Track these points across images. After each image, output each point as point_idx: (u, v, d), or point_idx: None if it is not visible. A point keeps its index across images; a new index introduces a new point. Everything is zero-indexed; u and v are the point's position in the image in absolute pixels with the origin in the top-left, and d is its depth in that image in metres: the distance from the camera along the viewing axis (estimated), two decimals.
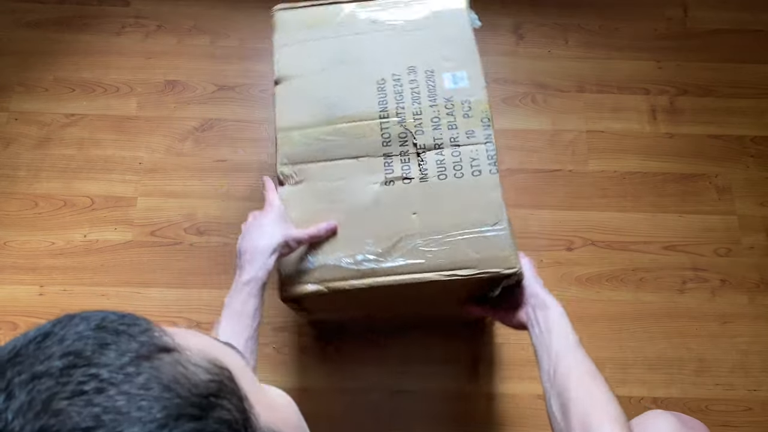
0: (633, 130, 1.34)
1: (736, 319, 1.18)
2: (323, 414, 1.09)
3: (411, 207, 0.83)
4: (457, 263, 0.80)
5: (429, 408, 1.10)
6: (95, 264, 1.20)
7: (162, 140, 1.31)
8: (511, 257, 0.80)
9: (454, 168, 0.84)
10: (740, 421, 1.11)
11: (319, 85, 0.89)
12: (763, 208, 1.27)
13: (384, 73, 0.90)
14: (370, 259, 0.82)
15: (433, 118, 0.86)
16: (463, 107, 0.87)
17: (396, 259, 0.81)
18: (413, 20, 0.93)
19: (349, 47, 0.92)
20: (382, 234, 0.82)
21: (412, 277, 0.80)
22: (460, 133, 0.86)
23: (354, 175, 0.85)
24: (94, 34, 1.42)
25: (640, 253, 1.23)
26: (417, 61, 0.90)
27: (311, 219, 0.83)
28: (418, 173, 0.84)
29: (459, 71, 0.89)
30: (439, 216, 0.82)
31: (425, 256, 0.81)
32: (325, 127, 0.87)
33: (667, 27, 1.46)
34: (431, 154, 0.85)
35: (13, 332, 1.14)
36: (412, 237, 0.82)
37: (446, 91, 0.88)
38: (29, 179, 1.27)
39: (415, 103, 0.87)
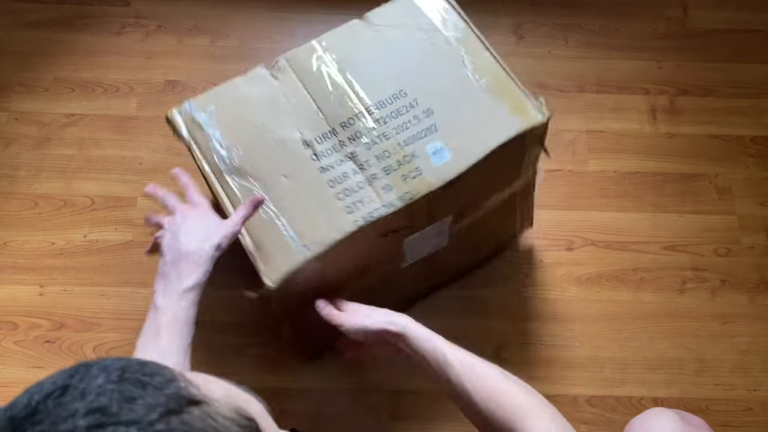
0: (633, 130, 1.34)
1: (736, 319, 1.18)
2: (323, 414, 1.09)
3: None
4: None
5: (429, 408, 1.10)
6: (95, 264, 1.20)
7: (162, 140, 1.31)
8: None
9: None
10: (740, 421, 1.11)
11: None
12: (763, 208, 1.27)
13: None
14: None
15: (384, 150, 0.87)
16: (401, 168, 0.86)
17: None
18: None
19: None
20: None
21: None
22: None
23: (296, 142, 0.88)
24: (94, 34, 1.42)
25: (640, 253, 1.23)
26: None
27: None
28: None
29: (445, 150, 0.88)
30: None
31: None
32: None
33: (667, 27, 1.46)
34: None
35: (13, 332, 1.14)
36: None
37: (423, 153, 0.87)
38: (29, 179, 1.27)
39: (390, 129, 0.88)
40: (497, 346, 1.15)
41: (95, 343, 1.14)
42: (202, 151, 0.88)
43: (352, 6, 1.46)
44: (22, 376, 1.11)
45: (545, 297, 1.19)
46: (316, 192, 0.84)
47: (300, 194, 0.84)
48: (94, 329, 1.15)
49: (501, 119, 0.87)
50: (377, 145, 0.86)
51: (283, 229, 0.82)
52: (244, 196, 0.84)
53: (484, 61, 0.91)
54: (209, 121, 0.89)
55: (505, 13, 1.46)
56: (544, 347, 1.15)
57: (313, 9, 1.46)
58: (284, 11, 1.45)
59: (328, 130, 0.88)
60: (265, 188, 0.85)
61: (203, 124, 0.89)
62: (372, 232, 0.84)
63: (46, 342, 1.14)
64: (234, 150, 0.87)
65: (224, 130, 0.89)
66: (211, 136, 0.88)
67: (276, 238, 0.82)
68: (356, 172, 0.85)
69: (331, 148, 0.87)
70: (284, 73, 0.91)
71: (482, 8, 1.47)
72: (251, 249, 0.82)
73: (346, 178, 0.85)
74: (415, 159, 0.85)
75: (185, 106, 0.91)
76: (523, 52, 1.42)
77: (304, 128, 0.88)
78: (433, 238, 0.97)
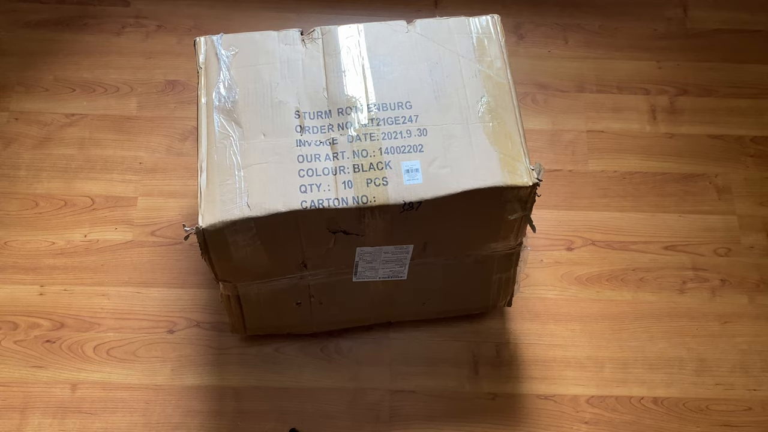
0: (633, 130, 1.35)
1: (736, 319, 1.18)
2: (323, 414, 1.09)
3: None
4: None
5: (429, 408, 1.10)
6: (95, 264, 1.20)
7: (162, 140, 1.31)
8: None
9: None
10: (740, 421, 1.11)
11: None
12: (763, 208, 1.27)
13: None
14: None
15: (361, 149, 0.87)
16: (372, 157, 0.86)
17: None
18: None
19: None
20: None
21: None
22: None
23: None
24: (94, 34, 1.42)
25: (640, 253, 1.23)
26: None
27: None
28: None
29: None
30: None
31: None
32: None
33: (667, 27, 1.46)
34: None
35: (13, 332, 1.14)
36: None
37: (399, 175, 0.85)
38: (29, 179, 1.27)
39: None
40: (497, 346, 1.15)
41: (95, 343, 1.14)
42: (207, 81, 0.91)
43: (353, 6, 1.47)
44: (22, 376, 1.11)
45: (545, 297, 1.19)
46: (282, 160, 0.85)
47: (268, 156, 0.85)
48: (94, 329, 1.15)
49: (487, 167, 0.85)
50: (359, 141, 0.86)
51: (238, 181, 0.84)
52: (222, 135, 0.86)
53: (501, 107, 0.90)
54: (227, 59, 0.92)
55: (505, 13, 1.45)
56: (544, 347, 1.15)
57: (313, 9, 1.46)
58: (284, 11, 1.46)
59: (325, 110, 0.89)
60: (242, 137, 0.86)
61: (221, 60, 0.92)
62: (318, 221, 0.85)
63: (46, 342, 1.14)
64: (233, 93, 0.90)
65: (235, 73, 0.91)
66: (221, 73, 0.91)
67: (228, 185, 0.83)
68: (328, 158, 0.85)
69: (318, 128, 0.87)
70: (313, 43, 0.93)
71: (482, 8, 1.47)
72: (202, 187, 0.84)
73: (317, 159, 0.85)
74: (387, 169, 0.84)
75: (215, 38, 0.94)
76: (523, 52, 1.42)
77: (304, 99, 0.89)
78: (391, 264, 0.95)
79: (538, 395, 1.11)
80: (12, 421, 1.08)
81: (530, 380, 1.12)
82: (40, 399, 1.10)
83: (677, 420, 1.10)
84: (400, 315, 1.13)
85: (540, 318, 1.17)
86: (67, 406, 1.09)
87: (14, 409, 1.09)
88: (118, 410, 1.09)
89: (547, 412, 1.10)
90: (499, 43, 0.94)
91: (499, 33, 0.95)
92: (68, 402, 1.10)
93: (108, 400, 1.10)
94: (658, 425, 1.10)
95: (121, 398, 1.10)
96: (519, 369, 1.13)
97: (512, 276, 1.06)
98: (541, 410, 1.10)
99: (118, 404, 1.10)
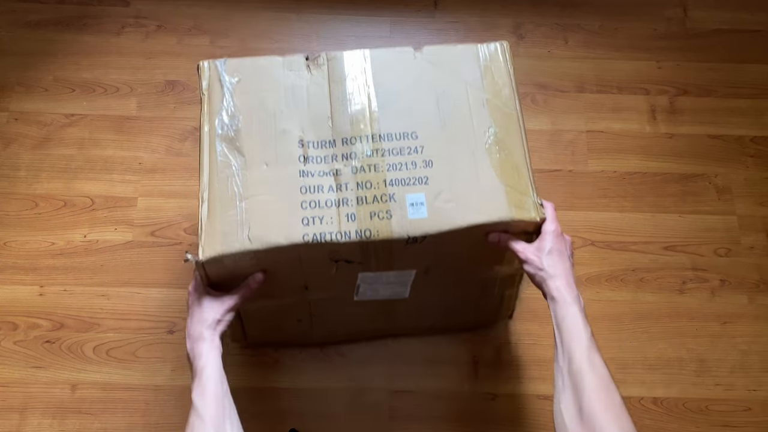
0: (633, 130, 1.35)
1: (736, 319, 1.18)
2: (323, 414, 1.09)
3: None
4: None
5: (429, 408, 1.10)
6: (95, 264, 1.20)
7: (162, 140, 1.31)
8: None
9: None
10: (740, 421, 1.11)
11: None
12: (763, 208, 1.27)
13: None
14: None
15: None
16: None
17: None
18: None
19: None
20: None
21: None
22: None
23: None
24: (94, 34, 1.42)
25: (640, 253, 1.23)
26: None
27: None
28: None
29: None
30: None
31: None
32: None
33: (667, 27, 1.46)
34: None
35: (13, 332, 1.14)
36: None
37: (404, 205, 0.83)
38: (29, 179, 1.27)
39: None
40: (497, 346, 1.15)
41: (95, 343, 1.14)
42: (209, 108, 0.89)
43: (352, 6, 1.47)
44: (22, 376, 1.11)
45: None
46: (285, 191, 0.83)
47: (270, 187, 0.84)
48: (94, 329, 1.15)
49: (494, 201, 0.83)
50: (364, 173, 0.84)
51: (239, 212, 0.82)
52: (223, 164, 0.85)
53: (509, 138, 0.87)
54: (231, 85, 0.90)
55: (505, 13, 1.46)
56: (543, 347, 1.15)
57: (313, 9, 1.46)
58: (284, 11, 1.45)
59: (329, 139, 0.86)
60: (244, 166, 0.85)
61: (224, 86, 0.90)
62: (321, 253, 0.83)
63: (46, 342, 1.14)
64: (236, 120, 0.88)
65: (238, 100, 0.89)
66: (224, 100, 0.89)
67: (229, 216, 0.82)
68: (331, 190, 0.83)
69: (322, 157, 0.85)
70: (319, 70, 0.91)
71: (482, 8, 1.47)
72: (203, 218, 0.82)
73: (320, 191, 0.83)
74: (392, 202, 0.82)
75: (219, 63, 0.92)
76: (523, 52, 1.42)
77: (308, 128, 0.87)
78: (394, 285, 0.94)
79: (538, 395, 1.11)
80: (12, 421, 1.08)
81: (530, 380, 1.12)
82: (40, 399, 1.10)
83: (677, 420, 1.10)
84: (401, 329, 1.12)
85: (540, 318, 1.16)
86: (67, 407, 1.09)
87: (14, 409, 1.09)
88: (117, 410, 1.09)
89: (547, 412, 1.10)
90: (507, 71, 0.92)
91: (507, 61, 0.92)
92: (68, 402, 1.10)
93: (108, 401, 1.10)
94: (658, 425, 1.10)
95: (120, 398, 1.10)
96: (519, 369, 1.13)
97: (515, 292, 1.06)
98: (541, 410, 1.10)
99: (117, 404, 1.10)
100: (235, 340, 1.08)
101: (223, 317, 0.82)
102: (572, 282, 0.79)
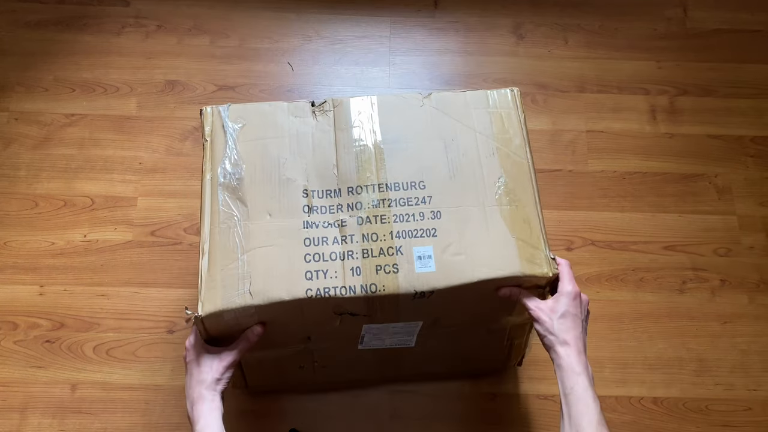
0: (633, 130, 1.35)
1: (736, 319, 1.18)
2: (323, 414, 1.09)
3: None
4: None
5: (429, 408, 1.10)
6: (95, 264, 1.20)
7: (162, 140, 1.31)
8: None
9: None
10: (740, 421, 1.11)
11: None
12: (763, 208, 1.27)
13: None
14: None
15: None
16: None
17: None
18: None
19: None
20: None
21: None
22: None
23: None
24: (94, 34, 1.42)
25: (640, 253, 1.23)
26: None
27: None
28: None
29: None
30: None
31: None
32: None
33: (667, 27, 1.46)
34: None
35: (13, 332, 1.14)
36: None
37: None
38: (29, 179, 1.27)
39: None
40: None
41: (95, 343, 1.14)
42: (212, 155, 0.87)
43: (352, 6, 1.47)
44: (22, 376, 1.11)
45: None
46: (289, 243, 0.81)
47: (273, 239, 0.81)
48: (94, 329, 1.15)
49: (505, 254, 0.81)
50: (370, 224, 0.82)
51: (241, 265, 0.80)
52: (225, 215, 0.83)
53: (519, 188, 0.85)
54: (234, 132, 0.88)
55: (505, 13, 1.46)
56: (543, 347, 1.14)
57: (313, 9, 1.46)
58: (284, 11, 1.45)
59: (335, 188, 0.84)
60: (247, 217, 0.82)
61: (227, 132, 0.88)
62: (324, 307, 0.81)
63: (46, 342, 1.14)
64: (240, 169, 0.85)
65: (242, 147, 0.87)
66: (227, 147, 0.87)
67: (230, 270, 0.79)
68: (336, 242, 0.81)
69: (327, 207, 0.83)
70: (325, 116, 0.89)
71: (482, 8, 1.47)
72: (203, 271, 0.80)
73: (324, 243, 0.81)
74: (399, 255, 0.80)
75: (223, 109, 0.89)
76: (523, 52, 1.42)
77: (313, 176, 0.85)
78: (400, 335, 0.92)
79: (538, 395, 1.11)
80: (12, 421, 1.08)
81: (530, 380, 1.12)
82: (40, 399, 1.10)
83: (677, 420, 1.10)
84: (407, 376, 1.10)
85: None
86: (67, 406, 1.09)
87: (14, 409, 1.09)
88: (118, 410, 1.09)
89: (547, 412, 1.10)
90: (518, 118, 0.89)
91: (518, 108, 0.90)
92: (68, 402, 1.10)
93: (108, 400, 1.10)
94: (658, 425, 1.10)
95: (121, 398, 1.10)
96: (519, 369, 1.13)
97: (525, 341, 1.02)
98: (541, 410, 1.10)
99: (118, 404, 1.10)
100: (235, 387, 1.05)
101: (222, 375, 0.79)
102: (583, 350, 0.77)
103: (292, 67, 1.39)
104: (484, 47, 1.43)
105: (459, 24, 1.45)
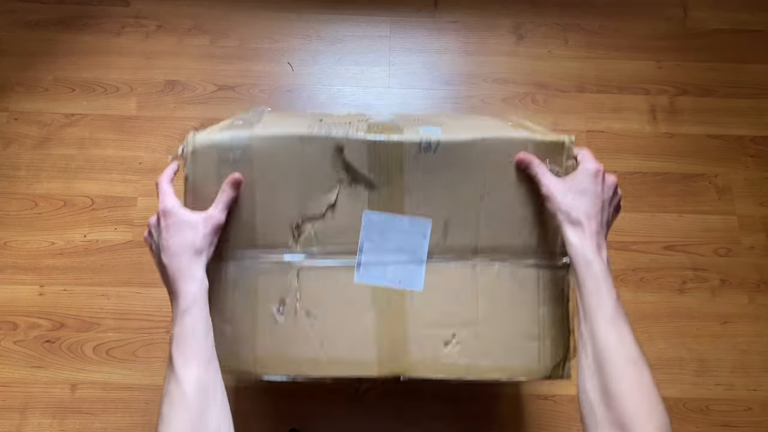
0: (633, 130, 1.35)
1: (736, 319, 1.18)
2: (323, 414, 1.09)
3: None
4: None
5: (429, 408, 1.10)
6: (95, 264, 1.20)
7: (162, 140, 1.31)
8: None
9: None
10: (740, 421, 1.11)
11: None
12: (763, 208, 1.27)
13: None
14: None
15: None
16: None
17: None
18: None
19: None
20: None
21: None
22: None
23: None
24: (94, 34, 1.42)
25: (641, 253, 1.23)
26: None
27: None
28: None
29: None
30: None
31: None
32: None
33: (667, 27, 1.46)
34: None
35: (13, 332, 1.14)
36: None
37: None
38: (29, 179, 1.27)
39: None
40: None
41: (95, 343, 1.14)
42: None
43: (352, 6, 1.47)
44: (22, 376, 1.11)
45: None
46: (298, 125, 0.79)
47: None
48: (94, 329, 1.15)
49: (515, 133, 0.78)
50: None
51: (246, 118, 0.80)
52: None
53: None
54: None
55: (505, 13, 1.46)
56: None
57: (313, 9, 1.46)
58: (284, 11, 1.45)
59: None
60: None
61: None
62: (324, 153, 0.77)
63: (46, 342, 1.14)
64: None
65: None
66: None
67: (235, 121, 0.79)
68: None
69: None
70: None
71: (482, 8, 1.47)
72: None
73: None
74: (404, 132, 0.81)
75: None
76: (523, 52, 1.42)
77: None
78: (405, 255, 0.79)
79: (538, 395, 1.11)
80: (12, 421, 1.08)
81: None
82: (40, 399, 1.10)
83: (677, 420, 1.10)
84: (416, 368, 0.91)
85: None
86: (67, 407, 1.09)
87: (14, 409, 1.09)
88: (117, 410, 1.09)
89: (547, 412, 1.10)
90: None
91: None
92: (68, 402, 1.10)
93: (108, 400, 1.10)
94: None
95: (120, 398, 1.10)
96: None
97: (565, 316, 0.79)
98: (541, 410, 1.10)
99: (118, 404, 1.10)
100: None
101: (212, 240, 0.70)
102: (597, 232, 0.66)
103: (292, 67, 1.39)
104: (484, 47, 1.43)
105: (459, 24, 1.45)
